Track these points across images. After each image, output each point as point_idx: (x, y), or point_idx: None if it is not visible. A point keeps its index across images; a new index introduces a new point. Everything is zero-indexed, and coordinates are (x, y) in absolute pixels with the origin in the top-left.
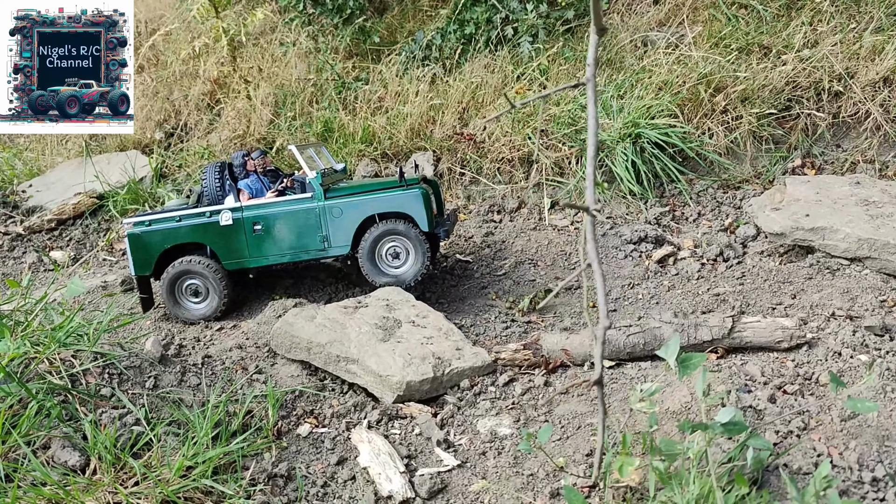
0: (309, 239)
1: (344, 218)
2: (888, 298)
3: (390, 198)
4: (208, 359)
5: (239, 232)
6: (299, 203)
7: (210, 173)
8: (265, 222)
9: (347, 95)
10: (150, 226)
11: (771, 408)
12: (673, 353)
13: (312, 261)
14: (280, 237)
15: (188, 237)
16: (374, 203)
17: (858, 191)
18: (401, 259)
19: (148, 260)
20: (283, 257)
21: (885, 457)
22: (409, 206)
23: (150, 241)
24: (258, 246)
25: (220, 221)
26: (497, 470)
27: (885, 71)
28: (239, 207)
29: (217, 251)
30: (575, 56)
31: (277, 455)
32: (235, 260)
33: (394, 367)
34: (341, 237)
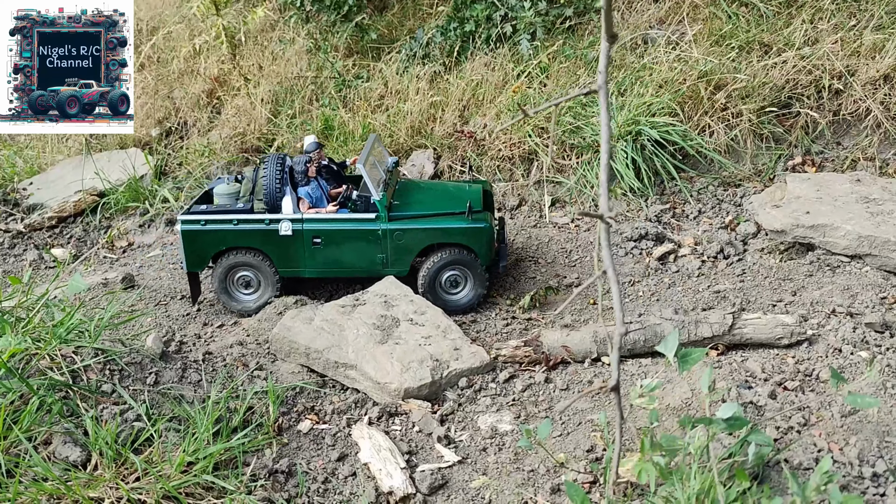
0: (368, 258)
1: (405, 242)
2: (888, 295)
3: (455, 230)
4: (209, 355)
5: (297, 243)
6: (362, 223)
7: (271, 167)
8: (325, 237)
9: (348, 93)
10: (206, 225)
11: (771, 404)
12: (672, 349)
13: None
14: (338, 253)
15: (244, 241)
16: (437, 233)
17: (859, 188)
18: (459, 286)
19: (202, 258)
20: (339, 272)
21: (886, 452)
22: (472, 240)
23: (205, 241)
24: (315, 258)
25: (279, 231)
26: (498, 466)
27: (886, 68)
28: (300, 219)
29: (272, 258)
30: (575, 54)
31: (278, 451)
32: (290, 268)
33: (392, 373)
34: (400, 260)
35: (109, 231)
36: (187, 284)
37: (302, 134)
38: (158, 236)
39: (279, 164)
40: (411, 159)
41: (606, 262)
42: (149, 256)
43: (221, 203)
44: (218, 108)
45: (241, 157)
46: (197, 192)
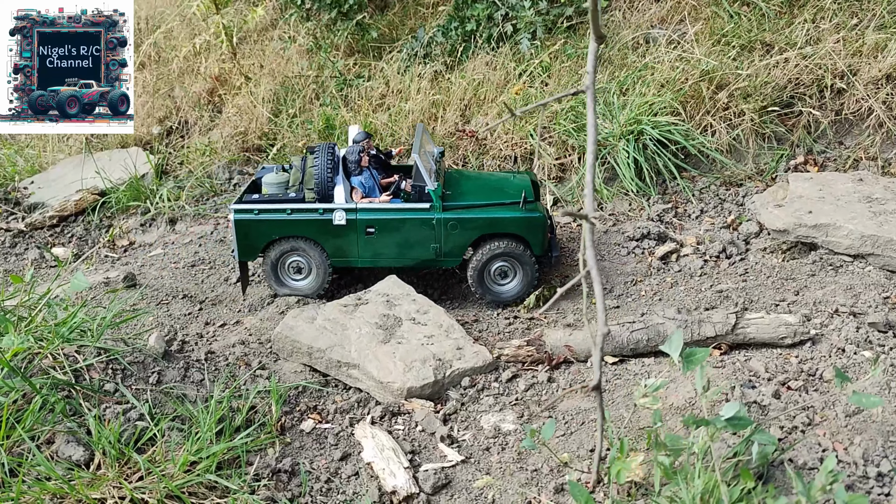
0: (421, 248)
1: (459, 232)
2: (891, 295)
3: (509, 219)
4: (211, 354)
5: (350, 232)
6: (416, 213)
7: (322, 156)
8: (379, 226)
9: (349, 92)
10: (259, 215)
11: (775, 403)
12: (677, 348)
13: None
14: (392, 243)
15: (298, 231)
16: (492, 222)
17: (861, 188)
18: (508, 278)
19: (254, 247)
20: (392, 261)
21: (891, 452)
22: (526, 230)
23: (258, 230)
24: (368, 248)
25: (332, 220)
26: (501, 465)
27: (888, 68)
28: (353, 208)
29: (325, 247)
30: (577, 53)
31: (281, 450)
32: (343, 258)
33: (394, 372)
34: (454, 250)
35: (111, 230)
36: (188, 283)
37: (303, 133)
38: (160, 235)
39: (330, 153)
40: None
41: (590, 262)
42: (150, 255)
43: (271, 193)
44: (219, 107)
45: (242, 156)
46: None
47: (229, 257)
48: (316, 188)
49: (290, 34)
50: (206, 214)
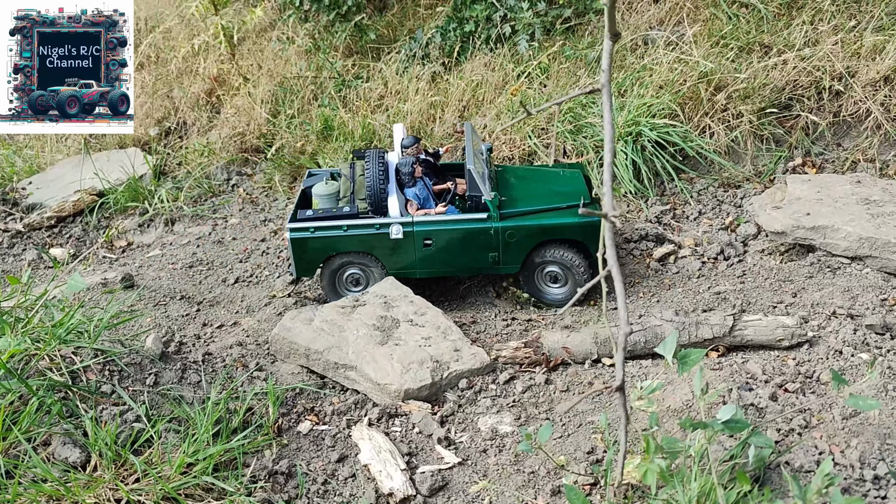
0: (480, 257)
1: (518, 240)
2: (889, 297)
3: (569, 226)
4: (209, 356)
5: (408, 245)
6: (473, 223)
7: (373, 166)
8: (437, 238)
9: (347, 93)
10: (315, 233)
11: (772, 406)
12: (671, 350)
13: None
14: (450, 253)
15: (355, 246)
16: (551, 229)
17: (859, 190)
18: (559, 282)
19: (311, 265)
20: (450, 271)
21: (887, 454)
22: (587, 235)
23: (314, 248)
24: (426, 259)
25: (389, 234)
26: (498, 468)
27: (886, 70)
28: (410, 221)
29: (383, 261)
30: (575, 54)
31: (278, 452)
32: (401, 269)
33: (392, 374)
34: (513, 257)
35: (107, 230)
36: (186, 285)
37: (301, 134)
38: (158, 236)
39: (380, 161)
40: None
41: (611, 260)
42: (148, 256)
43: (322, 204)
44: (217, 107)
45: (240, 156)
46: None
47: (227, 258)
48: (369, 200)
49: (289, 35)
50: (204, 215)
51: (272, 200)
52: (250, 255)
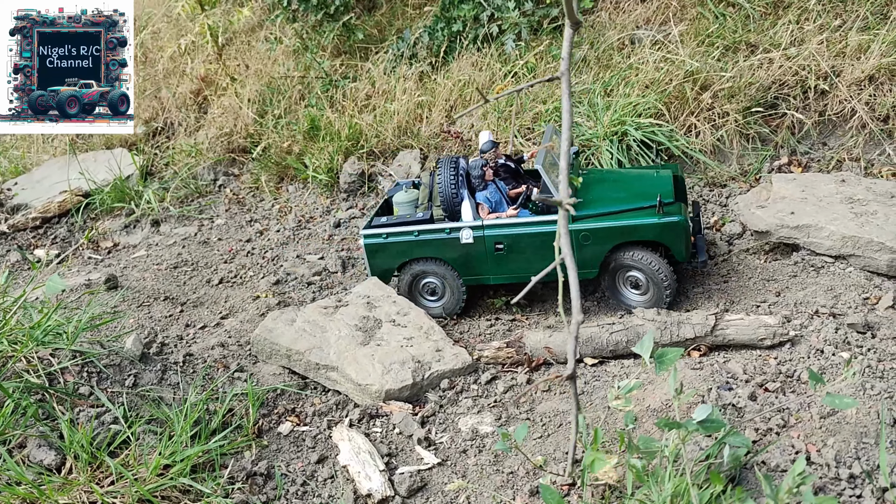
0: (553, 261)
1: (593, 243)
2: (871, 296)
3: (646, 226)
4: (190, 357)
5: (479, 250)
6: (545, 226)
7: (445, 171)
8: (508, 242)
9: (334, 93)
10: (388, 238)
11: (751, 405)
12: (648, 349)
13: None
14: (523, 258)
15: (426, 252)
16: (627, 231)
17: (844, 189)
18: (640, 289)
19: (387, 271)
20: (525, 277)
21: (863, 453)
22: (666, 237)
23: (388, 254)
24: (499, 264)
25: (460, 239)
26: (477, 468)
27: (871, 69)
28: (480, 225)
29: (456, 267)
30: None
31: (258, 453)
32: (474, 276)
33: (373, 374)
34: (589, 261)
35: (87, 232)
36: (170, 285)
37: (288, 134)
38: (144, 237)
39: (453, 168)
40: (398, 159)
41: (565, 249)
42: (133, 257)
43: (401, 211)
44: (204, 107)
45: (227, 157)
46: None
47: (212, 259)
48: (442, 205)
49: (277, 35)
50: (190, 216)
51: (258, 201)
52: (235, 255)
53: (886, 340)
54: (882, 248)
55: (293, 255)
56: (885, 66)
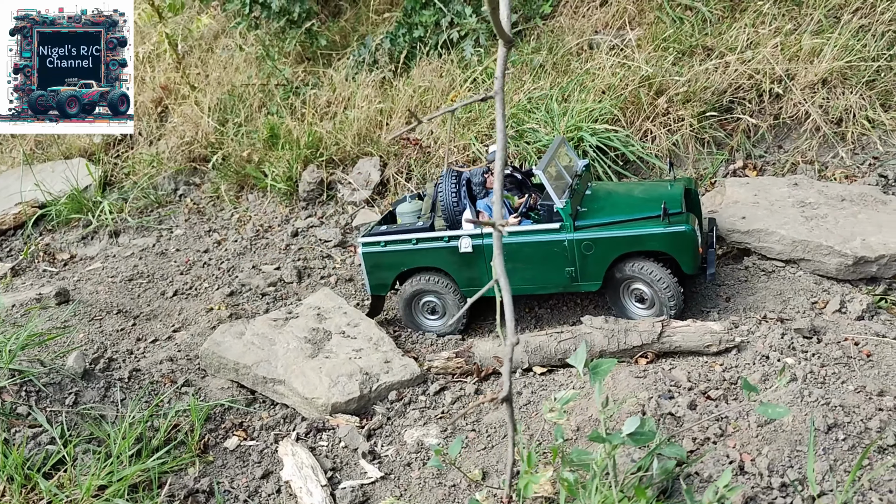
0: (555, 272)
1: (595, 253)
2: (819, 300)
3: (650, 236)
4: (136, 372)
5: (479, 259)
6: (545, 234)
7: (446, 182)
8: (508, 252)
9: (295, 101)
10: (386, 247)
11: (690, 414)
12: (581, 360)
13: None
14: (524, 268)
15: (425, 261)
16: (630, 241)
17: (796, 192)
18: (645, 304)
19: (384, 281)
20: (526, 289)
21: (796, 461)
22: (672, 247)
23: (386, 263)
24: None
25: (459, 248)
26: (420, 481)
27: (824, 72)
28: (479, 234)
29: (455, 277)
30: (521, 59)
31: (202, 470)
32: (474, 288)
33: (320, 387)
34: (592, 273)
35: (26, 248)
36: (124, 298)
37: (248, 143)
38: (102, 248)
39: (454, 178)
40: (357, 167)
41: (499, 270)
42: (88, 270)
43: (404, 222)
44: (165, 116)
45: (188, 166)
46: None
47: (169, 271)
48: (443, 215)
49: (238, 43)
50: (149, 226)
51: (218, 210)
52: (192, 266)
53: (831, 345)
54: (831, 251)
55: (249, 265)
56: (837, 70)
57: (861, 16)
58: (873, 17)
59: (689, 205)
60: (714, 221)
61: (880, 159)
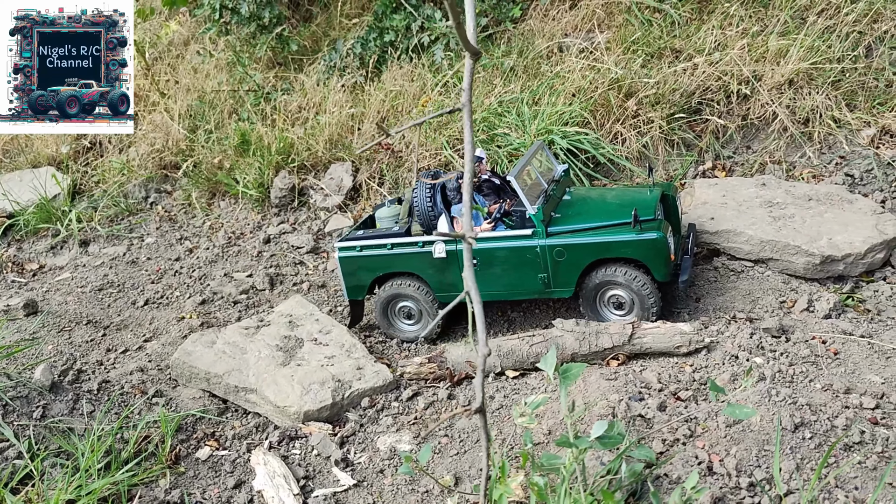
0: (528, 278)
1: (567, 259)
2: (788, 299)
3: (621, 243)
4: (106, 384)
5: (453, 265)
6: (518, 240)
7: (421, 189)
8: (481, 257)
9: (266, 106)
10: (362, 251)
11: (660, 416)
12: (551, 365)
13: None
14: (496, 274)
15: (400, 266)
16: (601, 247)
17: (763, 192)
18: (624, 309)
19: (360, 286)
20: (500, 295)
21: (764, 461)
22: (642, 254)
23: (362, 267)
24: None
25: (433, 253)
26: (393, 488)
27: (790, 73)
28: (453, 239)
29: (429, 283)
30: (492, 63)
31: (173, 481)
32: (448, 293)
33: (292, 396)
34: (564, 279)
35: None
36: (94, 308)
37: (219, 150)
38: (72, 258)
39: (429, 186)
40: (329, 172)
41: (469, 281)
42: (57, 280)
43: (382, 226)
44: (135, 124)
45: (159, 173)
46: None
47: (140, 279)
48: (419, 220)
49: (208, 49)
50: (120, 235)
51: (190, 218)
52: (163, 275)
53: (799, 344)
54: (798, 251)
55: (221, 273)
56: (803, 70)
57: (826, 17)
58: (838, 19)
59: (666, 211)
60: (693, 227)
61: (846, 158)
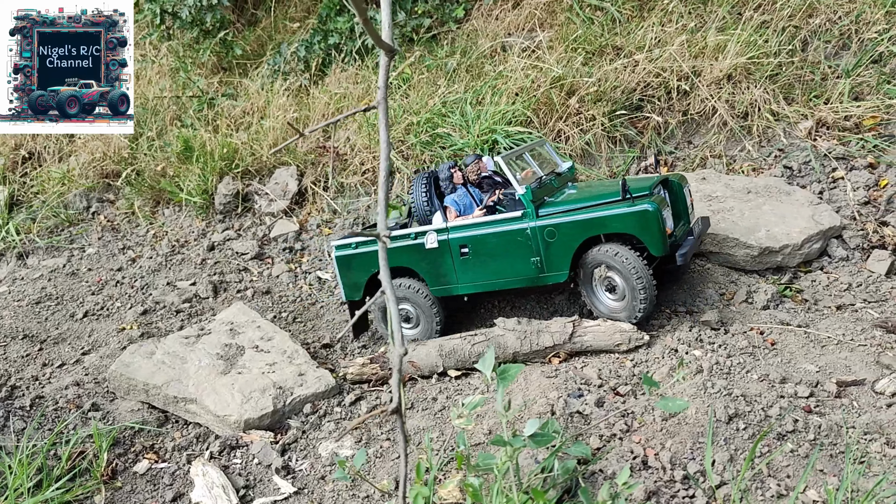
0: (521, 264)
1: (559, 240)
2: (727, 291)
3: (613, 216)
4: (40, 399)
5: (445, 255)
6: (507, 223)
7: (417, 186)
8: (473, 245)
9: (210, 112)
10: (357, 248)
11: (597, 412)
12: (489, 366)
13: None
14: (488, 261)
15: (395, 261)
16: (593, 223)
17: (703, 186)
18: (616, 294)
19: (357, 284)
20: (495, 284)
21: (698, 453)
22: (636, 226)
23: (358, 265)
24: (466, 271)
25: (425, 244)
26: (334, 494)
27: (728, 68)
28: (445, 228)
29: (424, 276)
30: (436, 63)
31: (108, 497)
32: (443, 286)
33: (232, 404)
34: (557, 262)
35: None
36: (31, 322)
37: (162, 157)
38: (10, 271)
39: (424, 179)
40: (274, 177)
41: (385, 281)
42: None
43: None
44: (73, 133)
45: (101, 182)
46: None
47: (79, 291)
48: (416, 217)
49: (149, 55)
50: (60, 246)
51: (134, 227)
52: (104, 286)
53: (737, 335)
54: (737, 243)
55: (164, 282)
56: (741, 65)
57: (762, 12)
58: (774, 13)
59: (673, 200)
60: (707, 221)
61: (785, 151)
